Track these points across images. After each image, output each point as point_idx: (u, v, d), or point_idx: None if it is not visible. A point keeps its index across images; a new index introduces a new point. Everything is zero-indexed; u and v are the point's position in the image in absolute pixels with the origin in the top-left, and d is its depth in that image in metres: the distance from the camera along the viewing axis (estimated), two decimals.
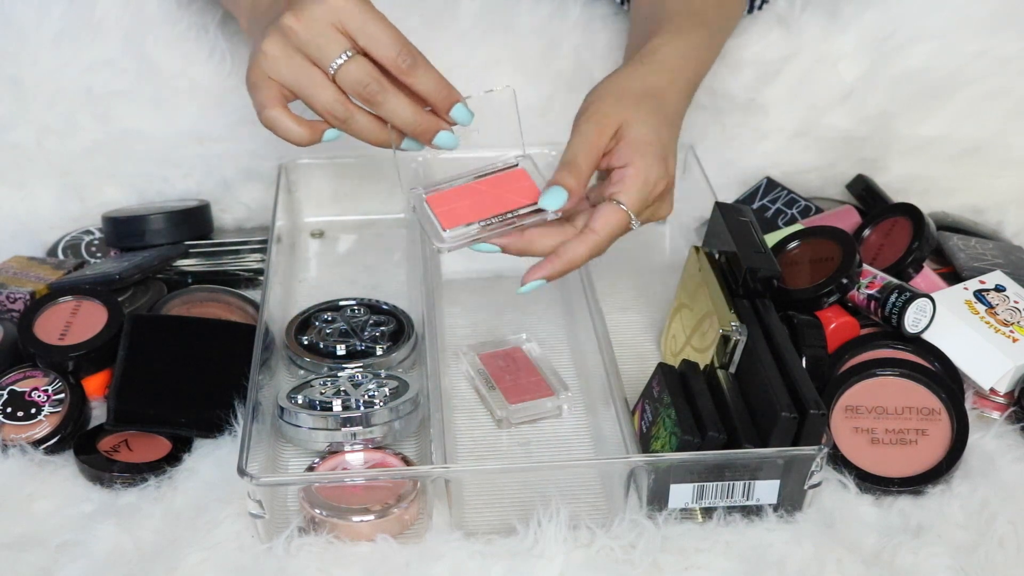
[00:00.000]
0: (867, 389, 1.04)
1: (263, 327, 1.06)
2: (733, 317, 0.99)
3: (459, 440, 1.04)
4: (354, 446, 1.00)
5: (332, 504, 0.94)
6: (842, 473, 0.99)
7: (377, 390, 1.03)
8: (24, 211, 1.31)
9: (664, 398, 0.97)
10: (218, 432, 1.03)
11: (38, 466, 1.01)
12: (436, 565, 0.91)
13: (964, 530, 0.95)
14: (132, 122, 1.28)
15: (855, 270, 1.08)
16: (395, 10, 1.28)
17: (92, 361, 1.09)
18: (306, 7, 0.93)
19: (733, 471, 0.93)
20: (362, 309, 1.15)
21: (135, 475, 1.00)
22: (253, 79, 0.96)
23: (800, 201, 1.27)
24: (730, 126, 1.32)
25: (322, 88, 0.94)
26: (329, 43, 0.93)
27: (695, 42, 1.08)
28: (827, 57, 1.29)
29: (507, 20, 1.30)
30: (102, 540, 0.93)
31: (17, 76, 1.26)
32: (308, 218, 1.32)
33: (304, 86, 0.94)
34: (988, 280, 1.11)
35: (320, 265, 1.28)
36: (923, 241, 1.14)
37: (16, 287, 1.17)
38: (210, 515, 0.95)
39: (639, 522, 0.93)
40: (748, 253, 1.02)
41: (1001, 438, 1.03)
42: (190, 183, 1.31)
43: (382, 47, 0.94)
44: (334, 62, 0.93)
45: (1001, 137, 1.31)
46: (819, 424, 0.91)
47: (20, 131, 1.28)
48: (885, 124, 1.31)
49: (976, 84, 1.29)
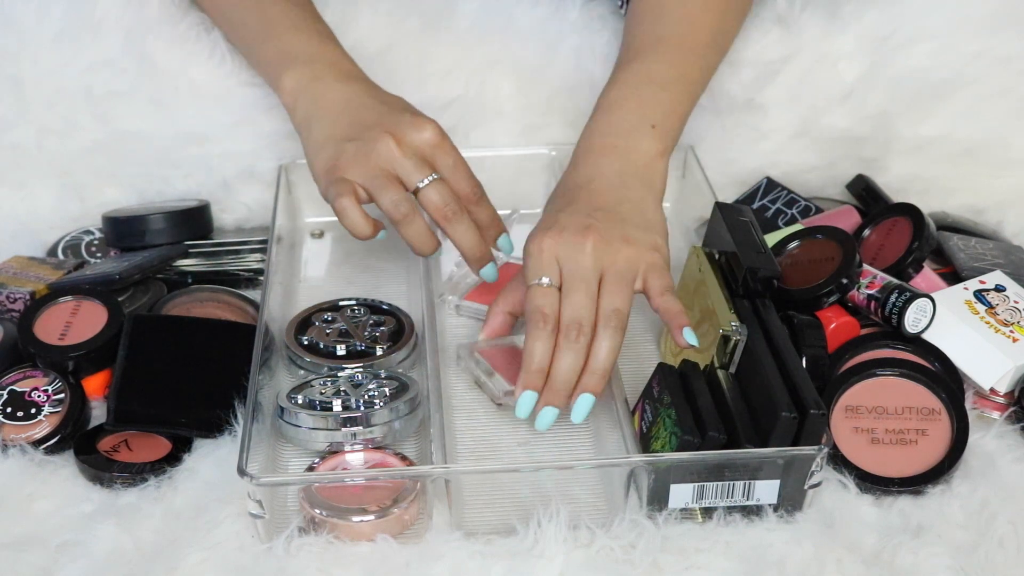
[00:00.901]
0: (867, 389, 1.04)
1: (263, 327, 1.06)
2: (733, 317, 0.99)
3: (459, 440, 1.04)
4: (354, 446, 1.00)
5: (332, 504, 0.94)
6: (842, 473, 0.99)
7: (377, 390, 1.03)
8: (24, 211, 1.31)
9: (664, 398, 0.97)
10: (218, 432, 1.03)
11: (38, 466, 1.01)
12: (436, 565, 0.91)
13: (964, 530, 0.95)
14: (132, 122, 1.28)
15: (855, 270, 1.08)
16: (395, 11, 1.29)
17: (92, 361, 1.09)
18: (406, 134, 1.06)
19: (733, 471, 0.93)
20: (362, 309, 1.15)
21: (135, 475, 1.00)
22: (332, 177, 1.06)
23: (800, 201, 1.27)
24: (730, 126, 1.32)
25: (394, 189, 1.05)
26: (418, 169, 1.06)
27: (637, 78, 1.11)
28: (827, 57, 1.29)
29: (506, 21, 1.30)
30: (102, 540, 0.93)
31: (17, 76, 1.26)
32: (308, 218, 1.32)
33: (378, 187, 1.05)
34: (988, 280, 1.11)
35: (320, 265, 1.28)
36: (923, 241, 1.14)
37: (16, 287, 1.17)
38: (210, 515, 0.95)
39: (639, 522, 0.93)
40: (748, 253, 1.02)
41: (1001, 438, 1.03)
42: (190, 183, 1.31)
43: (462, 180, 1.08)
44: (420, 182, 1.06)
45: (1001, 137, 1.31)
46: (819, 424, 0.91)
47: (20, 131, 1.28)
48: (885, 124, 1.31)
49: (976, 84, 1.29)
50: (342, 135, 1.07)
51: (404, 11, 1.29)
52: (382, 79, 1.15)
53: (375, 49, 1.26)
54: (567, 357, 0.97)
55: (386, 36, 1.28)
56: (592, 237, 1.00)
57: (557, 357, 0.98)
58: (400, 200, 1.04)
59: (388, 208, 1.05)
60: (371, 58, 1.20)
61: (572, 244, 1.00)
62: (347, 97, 1.11)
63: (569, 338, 0.97)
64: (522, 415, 0.98)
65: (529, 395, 0.97)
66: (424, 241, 1.07)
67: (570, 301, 0.98)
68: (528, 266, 1.01)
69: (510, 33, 1.30)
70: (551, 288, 0.99)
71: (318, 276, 1.27)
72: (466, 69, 1.30)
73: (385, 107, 1.09)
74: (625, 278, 0.99)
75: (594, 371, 0.97)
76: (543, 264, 1.00)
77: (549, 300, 0.99)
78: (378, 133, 1.06)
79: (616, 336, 0.97)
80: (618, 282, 0.99)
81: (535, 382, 0.98)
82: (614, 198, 1.04)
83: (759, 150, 1.33)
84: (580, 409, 0.97)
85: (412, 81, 1.26)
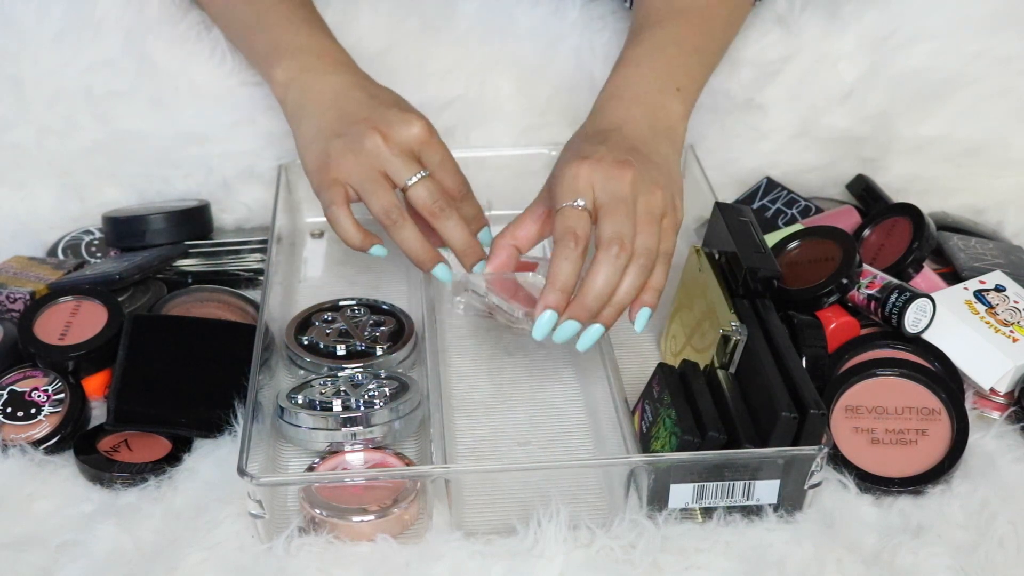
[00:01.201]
0: (867, 389, 1.04)
1: (263, 327, 1.06)
2: (733, 317, 0.99)
3: (459, 440, 1.04)
4: (354, 446, 1.00)
5: (332, 504, 0.94)
6: (842, 473, 0.98)
7: (377, 390, 1.03)
8: (24, 211, 1.31)
9: (664, 398, 0.97)
10: (218, 432, 1.03)
11: (38, 466, 1.01)
12: (436, 565, 0.91)
13: (964, 530, 0.95)
14: (132, 122, 1.28)
15: (855, 270, 1.08)
16: (395, 11, 1.29)
17: (92, 361, 1.09)
18: (394, 130, 1.05)
19: (733, 471, 0.93)
20: (362, 309, 1.15)
21: (135, 475, 1.00)
22: (324, 178, 1.06)
23: (800, 201, 1.27)
24: (730, 126, 1.32)
25: (384, 193, 1.04)
26: (407, 165, 1.05)
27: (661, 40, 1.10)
28: (827, 57, 1.29)
29: (505, 21, 1.30)
30: (102, 540, 0.93)
31: (17, 76, 1.26)
32: (308, 218, 1.32)
33: (368, 191, 1.04)
34: (988, 280, 1.11)
35: (320, 265, 1.28)
36: (923, 241, 1.14)
37: (16, 287, 1.17)
38: (210, 515, 0.95)
39: (639, 522, 0.93)
40: (748, 253, 1.02)
41: (1001, 438, 1.03)
42: (190, 183, 1.31)
43: (448, 176, 1.07)
44: (408, 179, 1.04)
45: (1001, 137, 1.31)
46: (819, 424, 0.91)
47: (20, 131, 1.28)
48: (885, 124, 1.31)
49: (976, 84, 1.29)
50: (330, 130, 1.07)
51: (404, 11, 1.29)
52: (382, 79, 1.15)
53: (375, 49, 1.26)
54: (605, 271, 0.94)
55: (386, 36, 1.28)
56: (631, 171, 0.97)
57: (594, 272, 0.95)
58: (390, 208, 1.04)
59: (378, 215, 1.04)
60: (371, 58, 1.20)
61: (610, 174, 0.97)
62: (336, 89, 1.10)
63: (610, 253, 0.94)
64: (539, 336, 0.96)
65: (549, 315, 0.95)
66: (416, 247, 1.05)
67: (612, 220, 0.95)
68: (561, 188, 0.98)
69: (510, 33, 1.30)
70: (585, 211, 0.96)
71: (318, 276, 1.27)
72: (466, 69, 1.30)
73: (374, 101, 1.09)
74: (657, 219, 0.97)
75: (653, 287, 0.96)
76: (579, 187, 0.97)
77: (582, 223, 0.96)
78: (366, 129, 1.05)
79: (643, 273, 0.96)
80: (651, 222, 0.97)
81: (558, 302, 0.95)
82: (646, 148, 1.02)
83: (759, 150, 1.33)
84: (641, 320, 0.97)
85: (412, 81, 1.26)
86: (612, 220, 0.95)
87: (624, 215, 0.96)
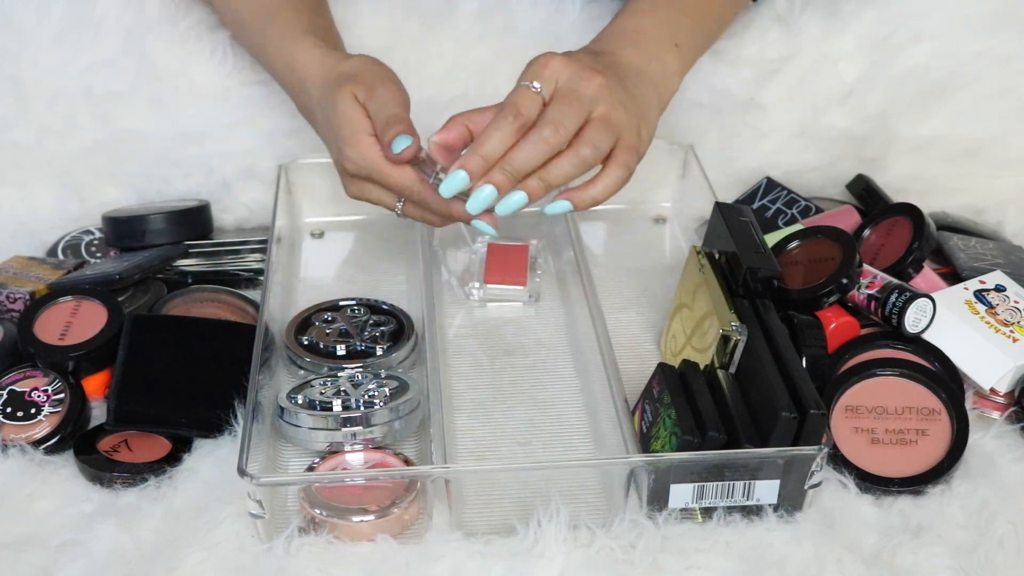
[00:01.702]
0: (867, 389, 1.04)
1: (263, 327, 1.06)
2: (733, 317, 0.99)
3: (459, 440, 1.04)
4: (354, 446, 1.00)
5: (332, 504, 0.94)
6: (842, 473, 0.98)
7: (377, 390, 1.03)
8: (24, 211, 1.31)
9: (664, 398, 0.97)
10: (218, 432, 1.03)
11: (38, 466, 1.01)
12: (436, 565, 0.91)
13: (964, 530, 0.95)
14: (132, 122, 1.28)
15: (855, 270, 1.08)
16: (395, 11, 1.29)
17: (92, 361, 1.09)
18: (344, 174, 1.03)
19: (733, 471, 0.93)
20: (362, 309, 1.15)
21: (135, 475, 1.00)
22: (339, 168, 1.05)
23: (800, 201, 1.27)
24: (730, 126, 1.32)
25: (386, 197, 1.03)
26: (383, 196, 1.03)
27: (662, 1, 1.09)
28: (827, 57, 1.29)
29: (506, 21, 1.30)
30: (102, 540, 0.93)
31: (17, 76, 1.26)
32: (308, 218, 1.32)
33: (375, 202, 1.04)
34: (988, 280, 1.11)
35: (320, 265, 1.28)
36: (923, 241, 1.14)
37: (16, 287, 1.17)
38: (210, 515, 0.95)
39: (639, 522, 0.93)
40: (748, 253, 1.02)
41: (1001, 438, 1.03)
42: (190, 183, 1.31)
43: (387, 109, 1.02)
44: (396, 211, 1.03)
45: (1001, 137, 1.31)
46: (819, 424, 0.91)
47: (20, 131, 1.28)
48: (885, 124, 1.31)
49: (976, 84, 1.29)
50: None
51: (404, 11, 1.29)
52: None
53: (375, 49, 1.26)
54: (529, 147, 0.91)
55: (386, 36, 1.28)
56: (601, 78, 0.95)
57: (519, 145, 0.92)
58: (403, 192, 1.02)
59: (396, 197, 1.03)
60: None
61: (580, 74, 0.94)
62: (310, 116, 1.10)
63: (541, 132, 0.91)
64: (446, 193, 0.93)
65: (462, 176, 0.92)
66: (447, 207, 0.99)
67: (558, 107, 0.92)
68: (526, 71, 0.95)
69: (510, 33, 1.30)
70: (539, 96, 0.94)
71: (318, 276, 1.26)
72: (466, 69, 1.30)
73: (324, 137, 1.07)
74: (610, 128, 0.94)
75: (544, 178, 0.92)
76: (543, 74, 0.94)
77: (530, 103, 0.93)
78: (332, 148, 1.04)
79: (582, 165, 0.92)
80: (604, 128, 0.94)
81: (475, 167, 0.92)
82: (630, 81, 1.00)
83: (759, 150, 1.33)
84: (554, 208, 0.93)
85: (412, 81, 1.25)
86: (558, 107, 0.93)
87: (574, 109, 0.93)
